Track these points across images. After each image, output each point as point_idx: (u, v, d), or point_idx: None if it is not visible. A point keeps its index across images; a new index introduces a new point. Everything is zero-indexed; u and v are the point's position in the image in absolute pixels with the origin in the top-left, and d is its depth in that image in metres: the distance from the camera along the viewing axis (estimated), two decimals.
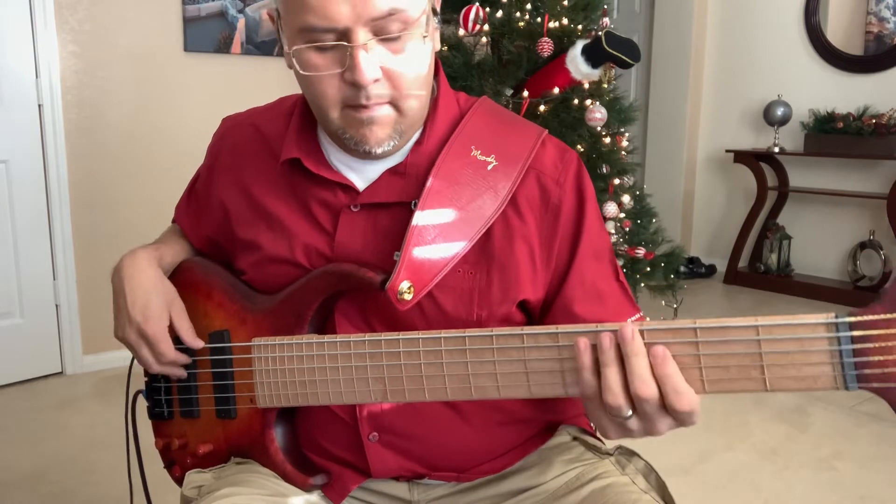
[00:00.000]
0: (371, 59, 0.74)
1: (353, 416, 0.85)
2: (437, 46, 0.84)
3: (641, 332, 0.63)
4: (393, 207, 0.84)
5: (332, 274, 0.82)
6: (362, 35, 0.73)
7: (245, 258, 0.91)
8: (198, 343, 0.89)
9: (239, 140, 0.95)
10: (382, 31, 0.74)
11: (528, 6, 2.41)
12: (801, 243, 4.31)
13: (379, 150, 0.80)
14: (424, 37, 0.77)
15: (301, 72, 0.77)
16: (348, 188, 0.85)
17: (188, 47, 3.03)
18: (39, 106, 2.76)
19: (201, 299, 0.93)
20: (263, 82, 3.21)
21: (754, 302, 4.12)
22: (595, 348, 0.64)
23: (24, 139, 2.74)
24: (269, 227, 0.88)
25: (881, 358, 0.52)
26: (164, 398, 0.96)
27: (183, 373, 0.91)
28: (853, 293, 3.94)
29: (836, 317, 0.55)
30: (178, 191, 1.10)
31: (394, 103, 0.78)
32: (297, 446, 0.89)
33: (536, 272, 0.84)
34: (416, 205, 0.81)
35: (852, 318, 0.54)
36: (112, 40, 2.88)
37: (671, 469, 2.13)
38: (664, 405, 0.62)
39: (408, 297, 0.77)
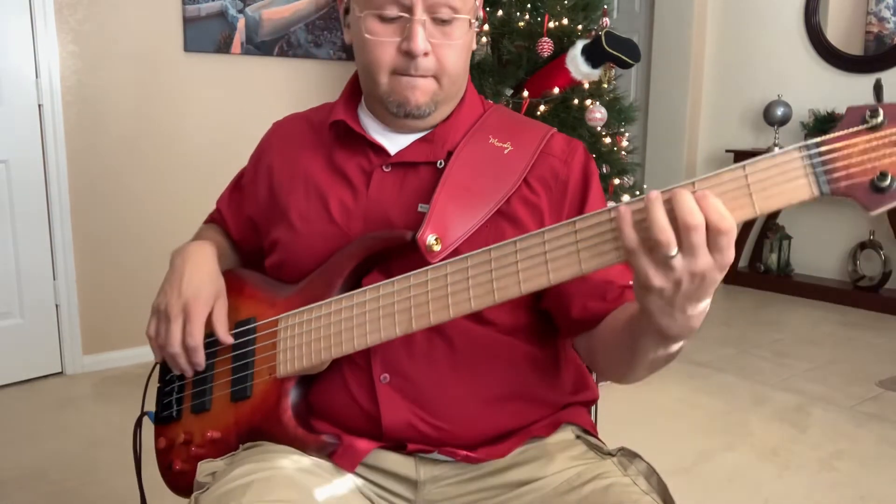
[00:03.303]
0: (425, 34, 0.88)
1: (367, 360, 0.90)
2: (474, 47, 0.98)
3: (648, 194, 0.68)
4: (420, 167, 0.94)
5: (364, 239, 0.89)
6: (420, 12, 0.87)
7: (282, 223, 0.98)
8: (228, 339, 0.95)
9: (288, 129, 1.08)
10: (436, 13, 0.88)
11: (528, 6, 2.41)
12: (801, 243, 4.31)
13: (417, 113, 0.91)
14: (473, 22, 0.92)
15: (365, 35, 0.89)
16: (380, 151, 0.96)
17: (188, 47, 3.03)
18: (39, 106, 2.76)
19: (233, 296, 0.99)
20: (263, 82, 3.21)
21: (754, 302, 4.13)
22: (636, 213, 0.68)
23: (24, 139, 2.74)
24: (306, 191, 0.98)
25: (845, 163, 0.65)
26: (175, 398, 0.99)
27: (200, 363, 0.95)
28: (853, 293, 3.95)
29: (806, 140, 0.67)
30: (178, 190, 1.12)
31: (436, 77, 0.91)
32: (308, 419, 0.92)
33: None
34: (441, 164, 0.93)
35: (818, 139, 0.66)
36: (112, 40, 2.88)
37: (671, 469, 2.13)
38: (708, 238, 0.66)
39: (437, 248, 0.85)
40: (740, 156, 4.30)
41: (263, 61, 3.20)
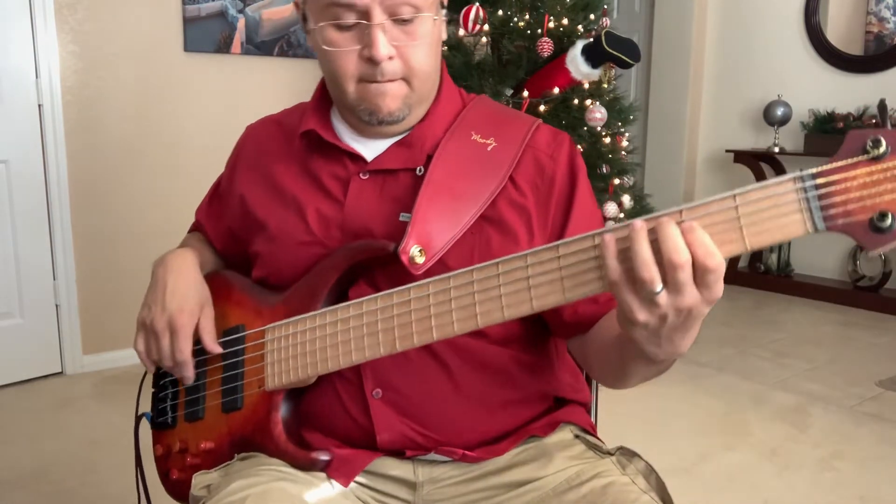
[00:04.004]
0: (386, 39, 0.83)
1: (357, 374, 0.88)
2: (444, 38, 0.93)
3: (632, 223, 0.65)
4: (399, 174, 0.91)
5: (347, 250, 0.87)
6: (379, 15, 0.82)
7: (261, 238, 0.96)
8: (216, 349, 0.93)
9: (260, 136, 1.04)
10: (396, 14, 0.83)
11: (528, 6, 2.41)
12: (801, 243, 4.31)
13: (390, 120, 0.88)
14: (435, 19, 0.87)
15: (323, 47, 0.86)
16: (357, 158, 0.92)
17: (188, 47, 3.03)
18: (39, 106, 2.76)
19: (222, 301, 0.97)
20: (263, 82, 3.21)
21: (754, 302, 4.12)
22: (620, 241, 0.65)
23: (24, 139, 2.74)
24: (282, 203, 0.95)
25: (843, 198, 0.60)
26: (169, 405, 0.98)
27: (191, 377, 0.94)
28: (853, 293, 3.95)
29: (801, 170, 0.62)
30: (178, 190, 1.12)
31: (405, 79, 0.87)
32: (299, 430, 0.91)
33: (533, 235, 0.89)
34: (421, 170, 0.89)
35: (815, 170, 0.62)
36: (112, 40, 2.88)
37: (671, 469, 2.13)
38: (694, 274, 0.63)
39: (420, 260, 0.82)
40: (740, 156, 4.30)
41: (263, 61, 3.20)
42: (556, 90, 2.37)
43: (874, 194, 0.60)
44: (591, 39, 2.35)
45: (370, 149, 0.93)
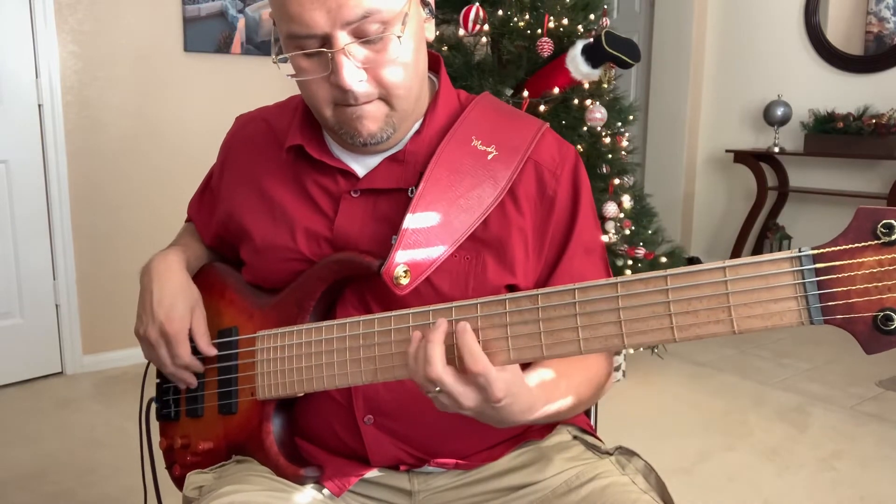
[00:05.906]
0: (352, 63, 0.77)
1: (348, 399, 0.87)
2: (431, 38, 0.87)
3: (599, 286, 0.66)
4: (392, 193, 0.87)
5: (333, 262, 0.85)
6: (342, 39, 0.76)
7: (248, 247, 0.93)
8: (211, 351, 0.93)
9: (250, 134, 0.99)
10: (362, 34, 0.77)
11: (528, 6, 2.41)
12: (801, 243, 4.29)
13: (372, 142, 0.83)
14: (399, 37, 0.78)
15: (293, 77, 0.81)
16: (348, 174, 0.88)
17: (188, 47, 3.03)
18: (39, 106, 2.76)
19: (216, 298, 0.96)
20: (263, 82, 3.20)
21: None
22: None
23: (24, 139, 2.74)
24: (271, 215, 0.91)
25: (845, 289, 0.53)
26: (172, 398, 0.99)
27: (193, 380, 0.94)
28: None
29: (800, 250, 0.55)
30: (178, 190, 1.11)
31: (383, 99, 0.81)
32: (292, 441, 0.90)
33: (528, 260, 0.87)
34: (413, 192, 0.83)
35: (815, 251, 0.54)
36: (112, 40, 2.88)
37: (671, 469, 2.13)
38: (463, 374, 0.68)
39: (404, 281, 0.80)
40: (740, 156, 4.30)
41: (263, 61, 3.20)
42: (556, 90, 2.37)
43: (882, 289, 0.52)
44: (591, 39, 2.35)
45: (362, 164, 0.89)
